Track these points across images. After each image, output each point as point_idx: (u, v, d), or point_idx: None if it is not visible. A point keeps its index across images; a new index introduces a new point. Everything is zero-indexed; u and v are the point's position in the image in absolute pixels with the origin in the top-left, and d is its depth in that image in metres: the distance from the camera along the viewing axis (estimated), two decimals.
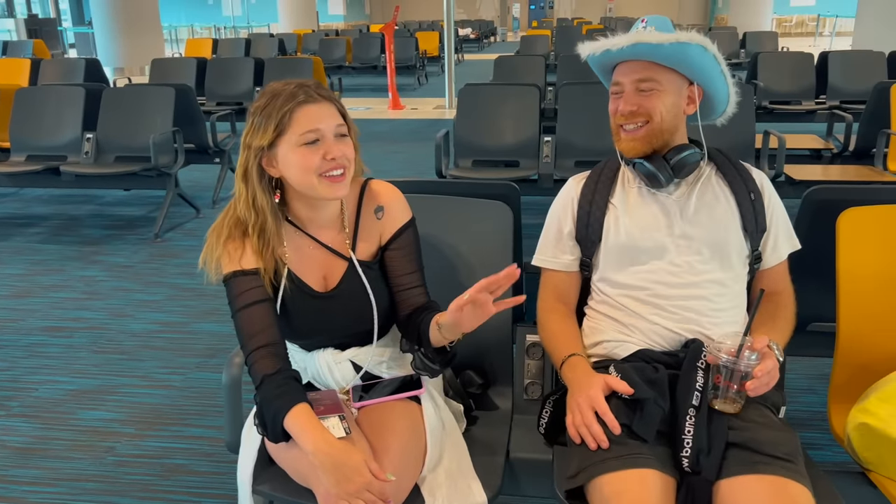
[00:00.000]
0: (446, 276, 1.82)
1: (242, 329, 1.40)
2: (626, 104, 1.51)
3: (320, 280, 1.49)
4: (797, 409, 2.53)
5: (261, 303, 1.40)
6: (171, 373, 2.95)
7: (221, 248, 1.44)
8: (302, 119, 1.35)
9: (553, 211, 1.68)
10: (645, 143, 1.52)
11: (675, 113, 1.53)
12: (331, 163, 1.36)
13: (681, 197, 1.55)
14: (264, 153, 1.38)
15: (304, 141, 1.35)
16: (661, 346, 1.49)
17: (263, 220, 1.42)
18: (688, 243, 1.51)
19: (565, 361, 1.50)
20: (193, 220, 5.11)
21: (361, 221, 1.51)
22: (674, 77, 1.52)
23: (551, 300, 1.64)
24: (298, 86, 1.37)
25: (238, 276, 1.41)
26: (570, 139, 4.34)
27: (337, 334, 1.53)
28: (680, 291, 1.49)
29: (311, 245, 1.49)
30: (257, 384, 1.37)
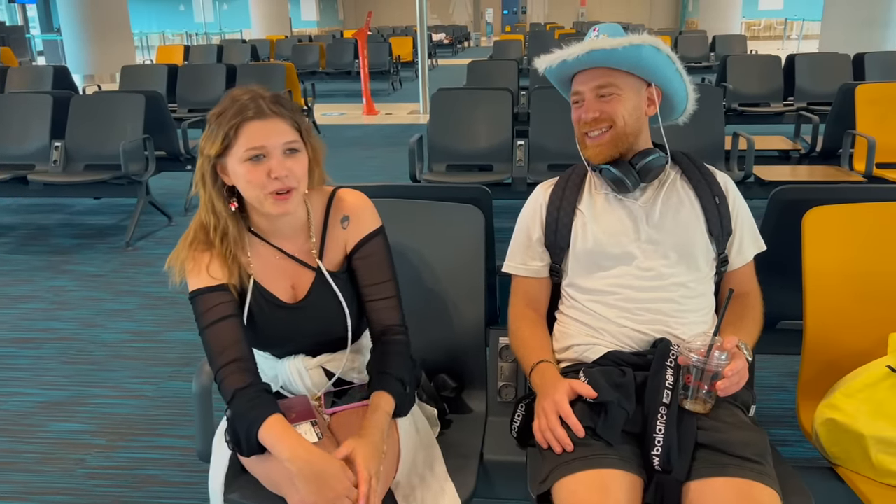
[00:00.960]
0: (417, 280, 1.82)
1: (211, 346, 1.38)
2: (589, 111, 1.53)
3: (288, 290, 1.48)
4: (768, 407, 2.56)
5: (228, 319, 1.39)
6: (144, 383, 2.91)
7: (187, 250, 1.43)
8: (247, 135, 1.33)
9: (522, 218, 1.69)
10: (611, 148, 1.53)
11: (636, 115, 1.54)
12: (275, 181, 1.34)
13: (647, 202, 1.56)
14: (217, 161, 1.38)
15: (249, 157, 1.34)
16: (631, 347, 1.50)
17: (224, 224, 1.41)
18: (654, 248, 1.53)
19: (534, 368, 1.51)
20: (165, 227, 5.06)
21: (329, 231, 1.50)
22: (632, 80, 1.53)
23: (521, 306, 1.64)
24: (252, 98, 1.35)
25: (204, 293, 1.40)
26: (543, 143, 4.36)
27: (307, 342, 1.52)
28: (647, 295, 1.51)
29: (276, 255, 1.48)
30: (228, 399, 1.36)
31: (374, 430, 1.34)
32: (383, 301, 1.51)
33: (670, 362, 1.39)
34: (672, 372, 1.38)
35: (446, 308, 1.82)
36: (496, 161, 4.45)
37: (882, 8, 9.93)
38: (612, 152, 1.54)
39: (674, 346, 1.43)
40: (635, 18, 27.52)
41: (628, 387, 1.39)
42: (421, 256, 1.84)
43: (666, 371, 1.38)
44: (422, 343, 1.73)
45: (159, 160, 4.99)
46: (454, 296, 1.82)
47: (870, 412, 1.45)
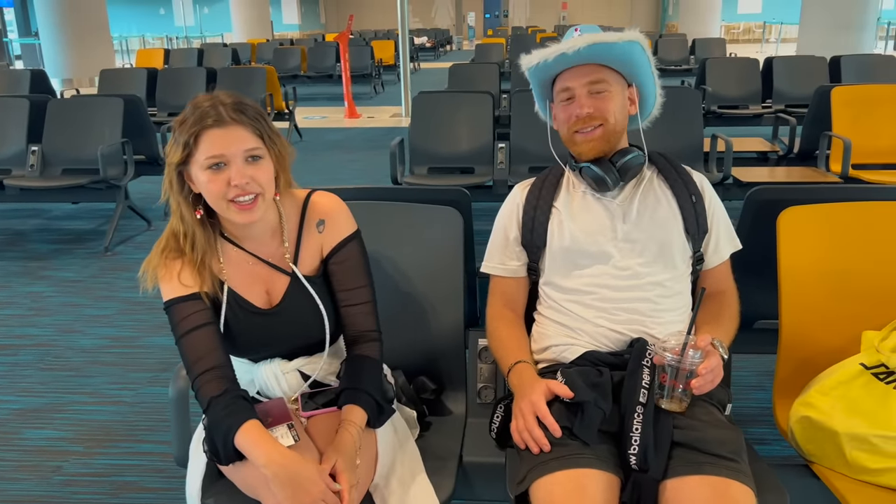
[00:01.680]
0: (397, 282, 1.82)
1: (187, 355, 1.38)
2: (584, 107, 1.52)
3: (262, 296, 1.47)
4: (745, 406, 2.58)
5: (203, 327, 1.38)
6: (122, 388, 2.89)
7: (159, 257, 1.42)
8: (207, 143, 1.33)
9: (500, 218, 1.69)
10: (603, 143, 1.54)
11: (623, 115, 1.56)
12: (235, 189, 1.33)
13: (624, 201, 1.57)
14: (183, 168, 1.37)
15: (209, 164, 1.33)
16: (608, 346, 1.51)
17: (192, 232, 1.40)
18: (631, 246, 1.53)
19: (511, 368, 1.51)
20: (144, 232, 5.02)
21: (304, 235, 1.49)
22: (618, 78, 1.55)
23: (499, 306, 1.64)
24: (213, 105, 1.34)
25: (178, 302, 1.39)
26: (524, 145, 4.37)
27: (284, 347, 1.52)
28: (624, 294, 1.51)
29: (249, 261, 1.47)
30: (205, 408, 1.36)
31: (346, 444, 1.35)
32: (358, 307, 1.50)
33: (647, 362, 1.40)
34: (648, 371, 1.39)
35: (426, 310, 1.82)
36: (477, 164, 4.46)
37: (858, 11, 10.06)
38: (604, 147, 1.54)
39: (650, 345, 1.43)
40: (616, 21, 27.71)
41: (605, 386, 1.39)
42: (400, 259, 1.84)
43: (642, 370, 1.39)
44: (401, 345, 1.73)
45: (138, 164, 4.95)
46: (433, 298, 1.82)
47: (844, 409, 1.46)
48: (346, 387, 1.45)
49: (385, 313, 1.56)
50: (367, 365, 1.48)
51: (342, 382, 1.47)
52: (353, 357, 1.50)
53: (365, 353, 1.49)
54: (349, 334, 1.51)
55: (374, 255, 1.58)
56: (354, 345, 1.50)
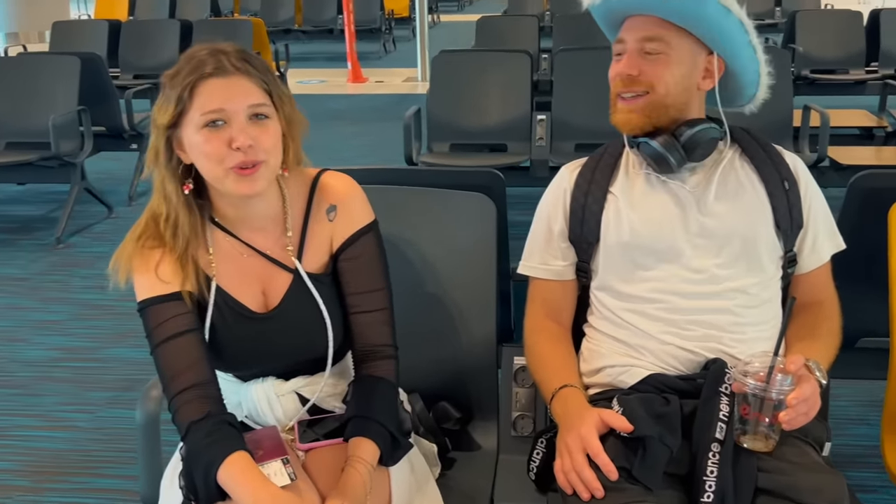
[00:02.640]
0: (413, 286, 1.82)
1: (163, 368, 1.39)
2: (627, 66, 1.52)
3: (258, 297, 1.48)
4: (845, 444, 2.55)
5: (184, 335, 1.39)
6: (77, 411, 2.91)
7: (134, 244, 1.42)
8: (204, 95, 1.33)
9: (542, 207, 1.68)
10: (643, 117, 1.53)
11: (684, 86, 1.54)
12: (236, 153, 1.33)
13: (697, 185, 1.56)
14: (172, 133, 1.37)
15: (206, 122, 1.33)
16: (677, 369, 1.50)
17: (175, 213, 1.40)
18: (707, 243, 1.52)
19: (556, 394, 1.50)
20: (105, 220, 5.07)
21: (310, 224, 1.50)
22: (688, 42, 1.52)
23: (540, 316, 1.64)
24: (212, 52, 1.35)
25: (155, 303, 1.40)
26: (569, 117, 4.35)
27: (279, 362, 1.52)
28: (697, 303, 1.50)
29: (244, 253, 1.48)
30: (183, 434, 1.36)
31: (354, 486, 1.34)
32: (372, 314, 1.50)
33: (725, 388, 1.39)
34: (727, 401, 1.38)
35: (449, 320, 1.82)
36: (511, 140, 4.46)
37: None
38: (644, 122, 1.53)
39: (729, 368, 1.42)
40: None
41: (673, 418, 1.38)
42: (418, 257, 1.84)
43: (720, 399, 1.38)
44: (419, 363, 1.73)
45: (97, 138, 4.99)
46: (459, 305, 1.82)
47: None
48: (353, 414, 1.45)
49: (399, 324, 1.56)
50: (381, 388, 1.48)
51: (349, 409, 1.47)
52: (362, 378, 1.50)
53: (378, 372, 1.49)
54: (359, 349, 1.51)
55: (388, 252, 1.58)
56: (365, 362, 1.50)
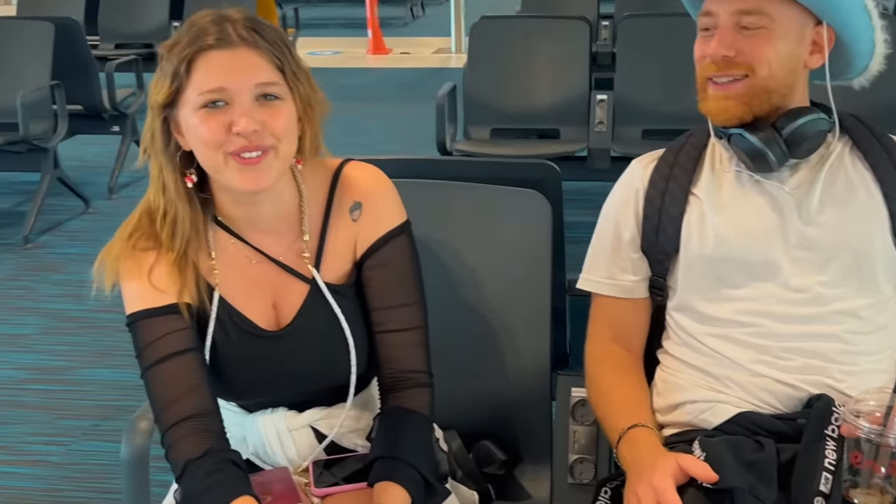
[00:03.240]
0: (450, 300, 1.82)
1: (156, 395, 1.40)
2: (721, 45, 1.50)
3: (268, 312, 1.48)
4: None
5: (181, 355, 1.40)
6: (48, 442, 2.94)
7: (124, 244, 1.43)
8: (203, 70, 1.33)
9: (609, 209, 1.68)
10: (742, 105, 1.51)
11: (790, 66, 1.52)
12: (238, 138, 1.33)
13: (799, 187, 1.54)
14: (169, 113, 1.38)
15: (204, 102, 1.34)
16: (773, 406, 1.48)
17: (174, 208, 1.41)
18: (810, 256, 1.51)
19: (623, 435, 1.50)
20: (81, 216, 5.13)
21: (331, 225, 1.50)
22: (793, 12, 1.51)
23: (606, 341, 1.63)
24: (216, 19, 1.36)
25: (147, 316, 1.41)
26: (635, 98, 4.34)
27: (292, 390, 1.53)
28: (797, 328, 1.49)
29: (253, 258, 1.48)
30: (178, 474, 1.37)
31: None
32: (403, 334, 1.51)
33: (832, 431, 1.38)
34: (834, 446, 1.36)
35: (493, 343, 1.82)
36: (565, 124, 4.45)
37: None
38: (742, 112, 1.52)
39: (838, 406, 1.41)
40: None
41: (767, 466, 1.37)
42: (455, 266, 1.84)
43: (825, 445, 1.37)
44: (457, 394, 1.73)
45: (73, 118, 5.04)
46: (505, 324, 1.82)
47: None
48: (380, 454, 1.45)
49: (434, 346, 1.56)
50: (412, 423, 1.48)
51: (374, 447, 1.47)
52: (391, 410, 1.50)
53: (408, 404, 1.49)
54: (387, 375, 1.52)
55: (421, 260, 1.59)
56: (393, 391, 1.51)
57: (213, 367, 1.45)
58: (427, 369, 1.52)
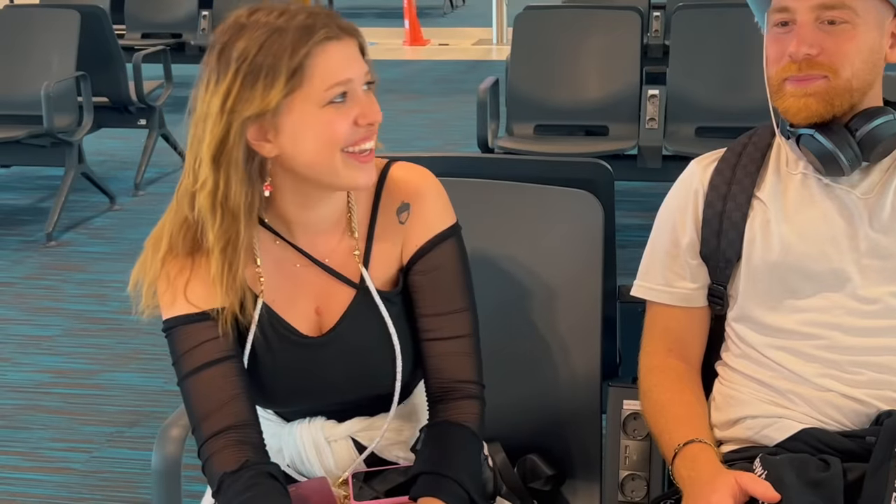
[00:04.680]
0: (495, 307, 1.81)
1: (193, 406, 1.41)
2: (803, 43, 1.48)
3: (310, 317, 1.49)
4: None
5: (220, 363, 1.41)
6: (71, 448, 2.97)
7: (159, 265, 1.44)
8: (328, 64, 1.34)
9: (665, 212, 1.67)
10: (823, 102, 1.49)
11: (873, 62, 1.51)
12: (366, 129, 1.37)
13: (870, 192, 1.53)
14: (262, 121, 1.35)
15: (332, 98, 1.35)
16: (839, 423, 1.47)
17: (234, 228, 1.39)
18: (881, 265, 1.50)
19: (679, 451, 1.49)
20: (106, 213, 5.18)
21: (378, 227, 1.51)
22: (873, 3, 1.50)
23: (661, 352, 1.63)
24: (311, 14, 1.36)
25: (185, 322, 1.42)
26: (689, 93, 4.33)
27: (332, 399, 1.53)
28: (867, 341, 1.48)
29: (298, 262, 1.49)
30: (215, 488, 1.38)
31: None
32: (453, 342, 1.51)
33: None
34: None
35: (540, 351, 1.82)
36: (614, 121, 4.45)
37: None
38: (824, 110, 1.50)
39: None
40: None
41: (833, 486, 1.36)
42: (499, 271, 1.84)
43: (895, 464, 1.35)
44: (502, 405, 1.72)
45: (98, 111, 5.10)
46: (553, 332, 1.82)
47: None
48: (424, 469, 1.45)
49: None
50: (461, 437, 1.48)
51: (419, 461, 1.47)
52: (439, 424, 1.50)
53: (458, 417, 1.49)
54: (435, 385, 1.52)
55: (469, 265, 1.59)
56: (442, 402, 1.51)
57: (251, 374, 1.46)
58: (478, 380, 1.52)
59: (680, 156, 4.00)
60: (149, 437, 1.67)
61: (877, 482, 1.36)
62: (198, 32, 7.14)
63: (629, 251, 1.70)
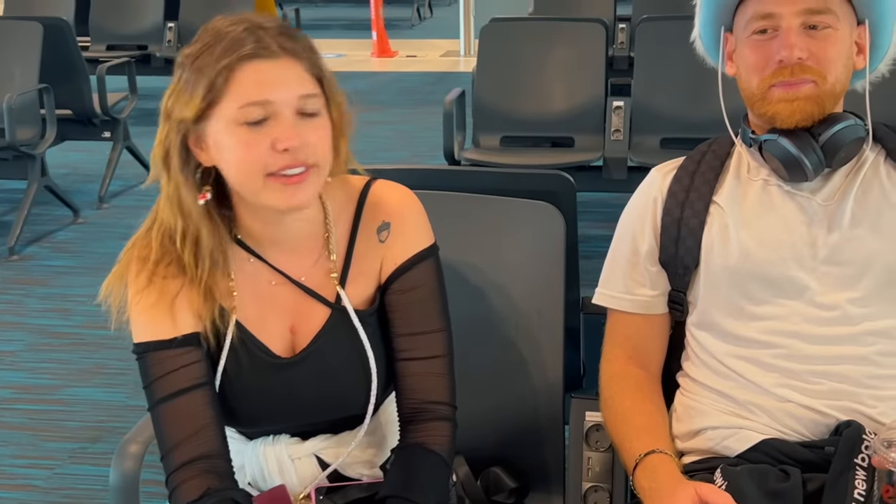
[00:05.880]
0: (458, 318, 1.81)
1: (165, 433, 1.40)
2: (793, 47, 1.48)
3: (285, 336, 1.48)
4: None
5: (194, 390, 1.40)
6: (33, 465, 2.94)
7: (133, 273, 1.42)
8: (245, 83, 1.31)
9: (626, 220, 1.68)
10: (816, 104, 1.50)
11: (848, 69, 1.54)
12: (283, 156, 1.31)
13: (830, 198, 1.54)
14: (193, 129, 1.35)
15: (246, 118, 1.32)
16: (799, 433, 1.48)
17: (196, 229, 1.39)
18: (840, 272, 1.51)
19: (640, 462, 1.49)
20: (70, 226, 5.14)
21: (357, 245, 1.50)
22: (847, 12, 1.52)
23: (622, 360, 1.63)
24: (250, 28, 1.33)
25: (157, 349, 1.40)
26: (654, 104, 4.36)
27: (302, 420, 1.53)
28: (827, 350, 1.49)
29: (273, 279, 1.48)
30: None
31: None
32: (427, 362, 1.51)
33: (862, 461, 1.37)
34: (865, 476, 1.36)
35: (503, 363, 1.82)
36: (579, 132, 4.45)
37: None
38: (816, 110, 1.51)
39: (868, 434, 1.40)
40: None
41: (793, 497, 1.37)
42: (463, 282, 1.84)
43: (855, 475, 1.36)
44: (465, 417, 1.70)
45: (62, 123, 5.06)
46: (516, 343, 1.82)
47: None
48: (392, 493, 1.44)
49: None
50: (430, 464, 1.47)
51: (387, 485, 1.47)
52: (410, 446, 1.49)
53: (428, 440, 1.48)
54: (407, 406, 1.52)
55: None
56: (413, 423, 1.51)
57: (222, 395, 1.45)
58: (450, 401, 1.52)
59: (645, 166, 3.99)
60: (112, 453, 1.64)
61: (836, 492, 1.36)
62: (164, 44, 7.10)
63: (595, 261, 1.70)
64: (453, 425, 1.51)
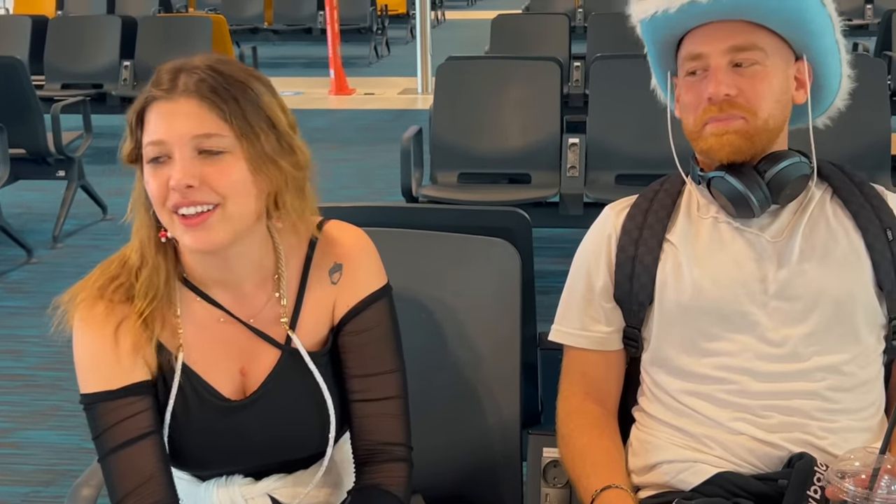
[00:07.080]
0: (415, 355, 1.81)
1: (115, 484, 1.39)
2: (721, 84, 1.51)
3: (234, 378, 1.47)
4: None
5: (141, 440, 1.39)
6: None
7: (95, 290, 1.41)
8: (151, 123, 1.35)
9: (581, 257, 1.69)
10: (745, 139, 1.52)
11: (783, 104, 1.56)
12: (174, 194, 1.32)
13: (779, 235, 1.56)
14: (138, 167, 1.39)
15: (148, 157, 1.35)
16: (753, 466, 1.49)
17: (149, 263, 1.40)
18: (789, 307, 1.52)
19: (597, 497, 1.50)
20: (23, 266, 5.08)
21: (309, 287, 1.50)
22: (780, 47, 1.55)
23: (578, 397, 1.64)
24: (173, 68, 1.35)
25: (104, 399, 1.40)
26: (609, 141, 4.39)
27: (254, 462, 1.51)
28: (778, 386, 1.50)
29: (220, 318, 1.47)
30: None
31: None
32: (381, 403, 1.51)
33: (815, 493, 1.38)
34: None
35: (460, 400, 1.82)
36: (536, 169, 4.48)
37: None
38: (746, 146, 1.53)
39: (820, 466, 1.41)
40: None
41: None
42: (419, 320, 1.84)
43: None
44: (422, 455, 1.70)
45: (15, 162, 5.02)
46: (473, 380, 1.82)
47: None
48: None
49: None
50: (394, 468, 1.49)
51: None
52: (367, 490, 1.49)
53: (385, 482, 1.48)
54: (362, 447, 1.51)
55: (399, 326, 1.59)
56: (368, 465, 1.50)
57: (169, 438, 1.44)
58: (406, 442, 1.52)
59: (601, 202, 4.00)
60: (65, 496, 1.63)
61: None
62: (119, 83, 7.10)
63: (552, 297, 1.71)
64: (409, 466, 1.51)
